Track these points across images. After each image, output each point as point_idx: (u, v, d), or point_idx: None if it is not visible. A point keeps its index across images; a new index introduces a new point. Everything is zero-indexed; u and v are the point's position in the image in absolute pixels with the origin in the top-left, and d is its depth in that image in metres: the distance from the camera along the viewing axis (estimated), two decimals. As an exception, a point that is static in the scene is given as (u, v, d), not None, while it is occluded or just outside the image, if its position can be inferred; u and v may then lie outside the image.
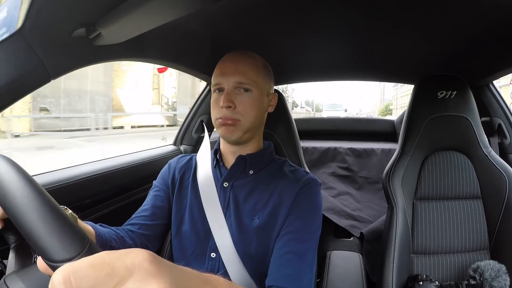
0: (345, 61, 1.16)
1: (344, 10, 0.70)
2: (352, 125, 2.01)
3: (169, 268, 0.23)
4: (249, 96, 0.66)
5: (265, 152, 0.73)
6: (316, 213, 0.64)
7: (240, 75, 0.65)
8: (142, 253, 0.22)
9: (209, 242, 0.65)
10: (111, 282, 0.20)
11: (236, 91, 0.65)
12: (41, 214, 0.25)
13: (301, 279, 0.56)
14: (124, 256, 0.21)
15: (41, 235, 0.25)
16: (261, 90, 0.68)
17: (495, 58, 0.94)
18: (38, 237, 0.25)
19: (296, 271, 0.57)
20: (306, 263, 0.58)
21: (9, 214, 0.26)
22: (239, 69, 0.66)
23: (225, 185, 0.69)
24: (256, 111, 0.67)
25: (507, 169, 0.90)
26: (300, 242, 0.59)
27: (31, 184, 0.27)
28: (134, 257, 0.21)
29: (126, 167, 1.02)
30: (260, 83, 0.68)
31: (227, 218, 0.65)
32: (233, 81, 0.65)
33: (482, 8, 0.64)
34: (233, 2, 0.65)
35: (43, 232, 0.25)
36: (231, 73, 0.65)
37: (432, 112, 0.94)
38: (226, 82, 0.65)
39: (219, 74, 0.67)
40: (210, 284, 0.27)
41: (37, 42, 0.50)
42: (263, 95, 0.69)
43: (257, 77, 0.67)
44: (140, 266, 0.21)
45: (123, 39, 0.60)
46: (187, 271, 0.25)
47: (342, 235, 1.42)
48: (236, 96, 0.65)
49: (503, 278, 0.77)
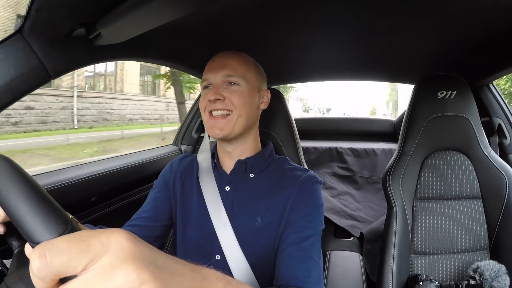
0: (344, 61, 1.16)
1: (344, 10, 0.70)
2: (352, 125, 2.01)
3: (148, 248, 0.22)
4: (238, 88, 0.65)
5: (265, 153, 0.72)
6: (317, 210, 0.63)
7: (228, 68, 0.64)
8: (120, 231, 0.22)
9: (214, 245, 0.65)
10: (86, 257, 0.20)
11: (224, 85, 0.65)
12: (26, 196, 0.27)
13: (309, 275, 0.56)
14: (101, 233, 0.21)
15: (25, 217, 0.26)
16: (251, 85, 0.67)
17: (495, 58, 0.94)
18: (22, 218, 0.26)
19: (303, 268, 0.56)
20: (312, 258, 0.58)
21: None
22: (227, 63, 0.65)
23: (227, 189, 0.68)
24: (247, 103, 0.65)
25: (507, 169, 0.90)
26: (303, 238, 0.59)
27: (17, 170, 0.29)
28: (110, 233, 0.21)
29: (126, 167, 1.03)
30: (249, 78, 0.67)
31: (231, 220, 0.65)
32: (220, 74, 0.64)
33: (482, 8, 0.64)
34: (233, 2, 0.65)
35: (27, 214, 0.26)
36: (219, 68, 0.65)
37: (432, 112, 0.94)
38: (214, 77, 0.65)
39: (207, 71, 0.67)
40: (199, 273, 0.25)
41: (37, 42, 0.50)
42: (254, 90, 0.68)
43: (246, 72, 0.66)
44: (117, 243, 0.21)
45: (123, 39, 0.60)
46: (173, 258, 0.24)
47: (342, 235, 1.42)
48: (224, 90, 0.64)
49: (503, 278, 0.77)
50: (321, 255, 0.61)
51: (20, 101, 5.41)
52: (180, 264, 0.24)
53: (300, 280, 0.55)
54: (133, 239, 0.22)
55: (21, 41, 0.49)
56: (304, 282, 0.55)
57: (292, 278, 0.55)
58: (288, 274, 0.56)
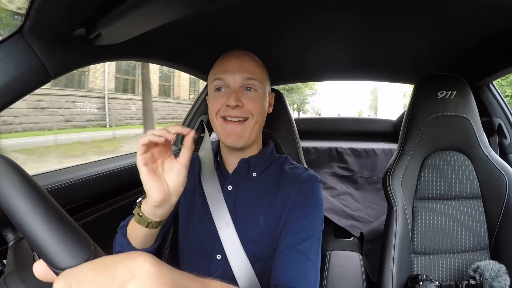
0: (345, 61, 1.16)
1: (344, 10, 0.70)
2: (352, 125, 2.01)
3: (169, 270, 0.23)
4: (255, 95, 0.64)
5: (266, 152, 0.72)
6: (317, 209, 0.63)
7: (248, 71, 0.63)
8: (143, 255, 0.22)
9: (215, 245, 0.65)
10: (113, 284, 0.20)
11: (242, 90, 0.63)
12: (46, 220, 0.25)
13: (305, 276, 0.56)
14: (125, 258, 0.21)
15: (46, 243, 0.24)
16: (264, 89, 0.67)
17: (495, 58, 0.94)
18: (43, 244, 0.24)
19: (301, 268, 0.56)
20: (310, 259, 0.58)
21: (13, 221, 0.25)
22: (246, 65, 0.63)
23: (229, 188, 0.68)
24: (262, 110, 0.65)
25: (507, 169, 0.90)
26: (302, 240, 0.59)
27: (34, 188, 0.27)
28: (134, 258, 0.21)
29: (126, 167, 1.02)
30: (264, 81, 0.67)
31: (234, 220, 0.65)
32: (240, 78, 0.62)
33: (482, 8, 0.64)
34: (233, 2, 0.64)
35: (49, 239, 0.24)
36: (238, 70, 0.62)
37: (432, 112, 0.94)
38: (233, 80, 0.62)
39: (223, 72, 0.63)
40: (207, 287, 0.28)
41: (37, 42, 0.50)
42: (265, 95, 0.68)
43: (262, 76, 0.66)
44: (142, 268, 0.21)
45: (123, 39, 0.60)
46: (186, 274, 0.26)
47: (342, 235, 1.42)
48: (242, 95, 0.63)
49: (503, 278, 0.77)
50: (319, 256, 0.61)
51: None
52: (192, 280, 0.26)
53: (296, 281, 0.55)
54: (156, 263, 0.22)
55: (21, 41, 0.49)
56: (300, 284, 0.55)
57: (289, 279, 0.55)
58: (285, 275, 0.56)
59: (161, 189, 0.48)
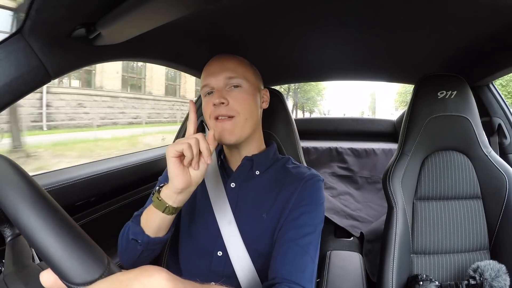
0: (344, 61, 1.16)
1: (344, 10, 0.70)
2: (352, 125, 2.01)
3: (183, 285, 0.24)
4: (241, 91, 0.65)
5: (270, 152, 0.73)
6: (318, 207, 0.64)
7: (229, 71, 0.65)
8: (158, 271, 0.22)
9: (217, 242, 0.65)
10: None
11: (227, 88, 0.65)
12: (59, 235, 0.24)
13: (304, 270, 0.57)
14: (140, 276, 0.21)
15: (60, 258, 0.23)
16: (252, 84, 0.68)
17: (495, 58, 0.94)
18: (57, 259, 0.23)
19: (299, 263, 0.57)
20: (309, 254, 0.59)
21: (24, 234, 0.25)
22: (227, 65, 0.65)
23: (232, 185, 0.69)
24: (250, 105, 0.66)
25: (507, 169, 0.90)
26: (302, 235, 0.60)
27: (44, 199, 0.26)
28: (150, 275, 0.22)
29: (126, 167, 1.03)
30: (249, 77, 0.67)
31: (236, 217, 0.66)
32: (222, 77, 0.65)
33: (482, 8, 0.64)
34: (233, 2, 0.65)
35: (62, 254, 0.23)
36: (219, 71, 0.65)
37: (432, 112, 0.94)
38: (215, 81, 0.65)
39: (207, 75, 0.67)
40: None
41: (37, 42, 0.50)
42: (255, 90, 0.69)
43: (246, 72, 0.67)
44: (158, 285, 0.21)
45: (123, 39, 0.60)
46: (197, 286, 0.27)
47: (342, 235, 1.42)
48: (228, 93, 0.64)
49: (503, 278, 0.77)
50: (317, 253, 0.62)
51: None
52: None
53: (295, 275, 0.56)
54: (172, 279, 0.22)
55: (21, 41, 0.49)
56: (298, 277, 0.56)
57: (287, 272, 0.56)
58: (284, 268, 0.57)
59: (185, 178, 0.53)
